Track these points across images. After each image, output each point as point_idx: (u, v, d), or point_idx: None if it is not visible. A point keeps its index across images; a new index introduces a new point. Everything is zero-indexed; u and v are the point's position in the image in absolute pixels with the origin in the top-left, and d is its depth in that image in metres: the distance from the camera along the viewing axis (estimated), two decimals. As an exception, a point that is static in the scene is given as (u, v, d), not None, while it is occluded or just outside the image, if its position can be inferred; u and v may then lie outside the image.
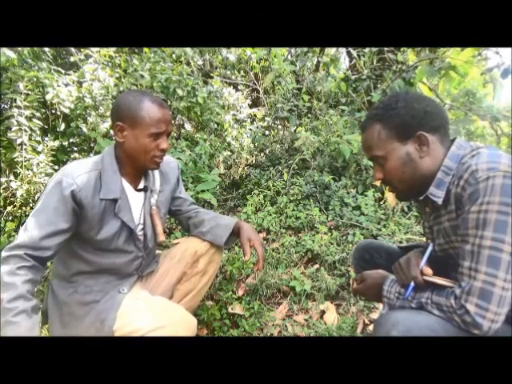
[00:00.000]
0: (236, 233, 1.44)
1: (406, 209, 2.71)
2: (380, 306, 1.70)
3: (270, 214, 2.65)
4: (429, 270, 0.94)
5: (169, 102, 3.10)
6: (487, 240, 0.80)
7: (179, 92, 2.96)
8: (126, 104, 1.15)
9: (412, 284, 0.95)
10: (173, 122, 3.48)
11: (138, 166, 1.22)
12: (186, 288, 1.42)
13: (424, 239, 1.80)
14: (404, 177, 0.97)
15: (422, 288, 0.94)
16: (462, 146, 0.95)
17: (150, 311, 1.17)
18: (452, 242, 0.96)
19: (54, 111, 2.71)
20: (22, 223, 2.49)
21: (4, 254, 1.04)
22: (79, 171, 1.13)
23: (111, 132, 2.64)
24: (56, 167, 2.59)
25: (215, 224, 1.43)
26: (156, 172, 1.34)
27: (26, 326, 1.00)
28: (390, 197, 2.61)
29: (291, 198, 2.77)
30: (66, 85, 2.69)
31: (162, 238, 1.34)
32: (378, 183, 2.76)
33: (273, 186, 2.91)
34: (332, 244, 2.28)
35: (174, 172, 1.45)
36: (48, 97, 2.50)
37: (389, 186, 1.04)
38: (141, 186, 1.29)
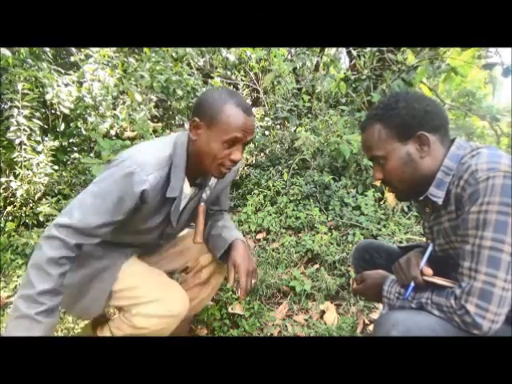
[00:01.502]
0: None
1: (406, 209, 2.70)
2: (380, 306, 1.70)
3: (270, 214, 2.65)
4: (429, 270, 0.94)
5: (168, 102, 3.10)
6: (487, 240, 0.80)
7: (179, 92, 2.96)
8: (209, 101, 1.05)
9: (412, 284, 0.95)
10: (173, 122, 3.48)
11: (202, 169, 1.12)
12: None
13: (424, 239, 1.80)
14: (404, 177, 0.97)
15: (422, 288, 0.94)
16: (461, 146, 0.95)
17: (149, 282, 1.17)
18: (452, 242, 0.96)
19: (53, 111, 2.71)
20: (23, 223, 2.50)
21: (53, 232, 0.97)
22: (153, 167, 1.04)
23: (111, 132, 2.64)
24: (56, 167, 2.60)
25: (218, 234, 1.34)
26: None
27: (44, 327, 0.95)
28: (389, 197, 2.61)
29: (291, 198, 2.77)
30: (66, 85, 2.69)
31: (200, 239, 1.28)
32: (378, 183, 2.76)
33: (273, 185, 2.91)
34: (332, 244, 2.28)
35: (232, 174, 1.36)
36: (48, 97, 2.51)
37: (389, 187, 1.04)
38: (198, 181, 1.21)
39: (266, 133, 3.89)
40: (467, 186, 0.84)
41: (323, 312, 1.82)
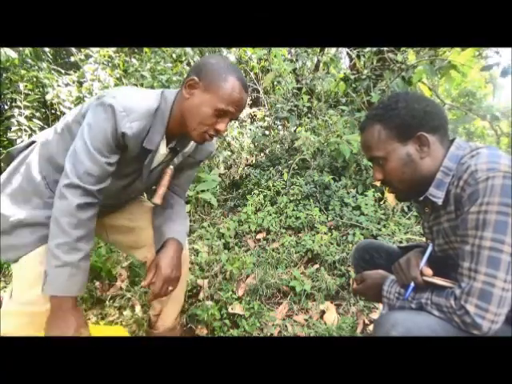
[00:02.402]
0: None
1: (406, 209, 2.71)
2: (380, 306, 1.70)
3: (270, 214, 2.65)
4: (429, 271, 0.94)
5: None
6: (487, 241, 0.80)
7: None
8: (214, 65, 1.04)
9: (412, 284, 0.95)
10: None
11: (183, 130, 1.10)
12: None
13: (424, 239, 1.80)
14: (404, 177, 0.97)
15: (422, 288, 0.94)
16: (461, 147, 0.95)
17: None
18: (451, 242, 0.96)
19: (54, 111, 2.71)
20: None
21: (74, 181, 0.98)
22: (138, 115, 1.02)
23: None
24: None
25: (159, 226, 1.27)
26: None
27: (84, 272, 1.00)
28: (389, 197, 2.61)
29: (291, 198, 2.77)
30: (66, 85, 2.69)
31: (159, 200, 1.23)
32: (378, 183, 2.76)
33: (273, 185, 2.91)
34: (332, 244, 2.28)
35: (207, 153, 1.33)
36: (48, 97, 2.51)
37: (388, 187, 1.04)
38: (172, 145, 1.18)
39: (266, 133, 3.89)
40: (467, 186, 0.84)
41: (323, 312, 1.82)
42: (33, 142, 1.20)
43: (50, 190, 1.10)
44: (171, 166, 1.23)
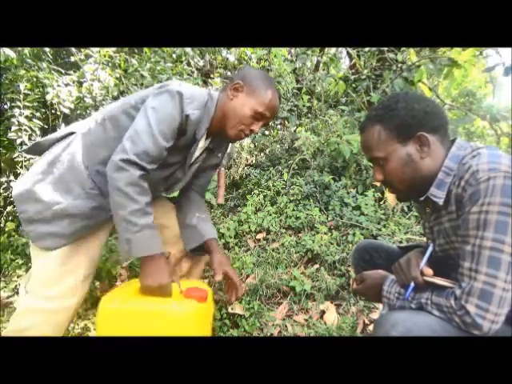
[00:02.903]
0: (206, 249, 1.37)
1: (406, 209, 2.70)
2: (380, 306, 1.70)
3: (270, 214, 2.65)
4: (429, 271, 0.94)
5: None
6: (488, 241, 0.80)
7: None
8: (258, 76, 1.22)
9: (412, 284, 0.95)
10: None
11: (221, 127, 1.23)
12: None
13: (424, 239, 1.80)
14: (405, 178, 0.97)
15: (422, 288, 0.94)
16: (462, 147, 0.95)
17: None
18: (452, 242, 0.96)
19: (54, 111, 2.71)
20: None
21: (132, 158, 1.05)
22: (198, 105, 1.15)
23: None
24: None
25: (194, 225, 1.37)
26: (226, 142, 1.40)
27: (158, 233, 1.11)
28: (389, 197, 2.61)
29: (291, 198, 2.77)
30: (66, 85, 2.69)
31: (222, 200, 1.42)
32: (378, 183, 2.76)
33: (273, 185, 2.91)
34: (332, 244, 2.28)
35: (228, 157, 1.49)
36: (48, 97, 2.51)
37: (389, 187, 1.04)
38: (207, 143, 1.32)
39: (266, 133, 3.89)
40: (468, 186, 0.84)
41: (323, 312, 1.82)
42: (71, 133, 1.23)
43: (92, 181, 1.16)
44: (222, 168, 1.40)
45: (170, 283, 1.11)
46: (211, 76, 3.85)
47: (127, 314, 1.05)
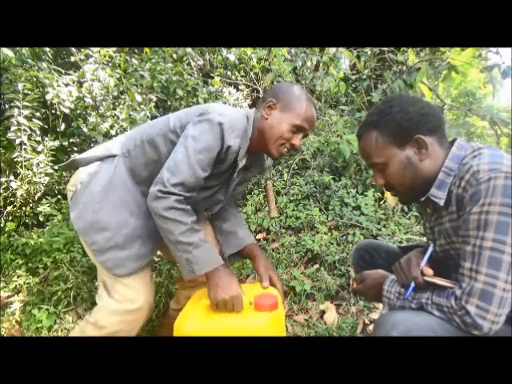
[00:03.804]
0: (247, 255, 1.40)
1: (405, 209, 2.70)
2: (380, 306, 1.70)
3: (270, 214, 2.65)
4: (429, 271, 0.94)
5: (169, 102, 3.10)
6: (488, 241, 0.80)
7: (179, 92, 2.95)
8: (288, 90, 1.22)
9: (412, 284, 0.95)
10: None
11: (262, 147, 1.23)
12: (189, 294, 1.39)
13: (424, 239, 1.80)
14: (405, 181, 0.97)
15: (422, 288, 0.93)
16: (462, 147, 0.95)
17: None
18: (453, 242, 0.96)
19: (54, 111, 2.71)
20: (23, 223, 2.50)
21: (170, 189, 1.06)
22: (238, 133, 1.15)
23: (111, 132, 2.64)
24: (56, 167, 2.60)
25: (234, 232, 1.40)
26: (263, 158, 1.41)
27: (213, 245, 1.14)
28: (389, 197, 2.61)
29: (291, 198, 2.77)
30: (66, 85, 2.69)
31: (275, 213, 1.44)
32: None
33: (273, 186, 2.91)
34: (332, 244, 2.28)
35: (263, 170, 1.48)
36: (48, 97, 2.50)
37: (391, 191, 1.04)
38: (247, 162, 1.30)
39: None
40: (469, 186, 0.84)
41: (323, 312, 1.82)
42: (112, 156, 1.25)
43: (144, 201, 1.18)
44: (269, 182, 1.42)
45: (241, 293, 1.10)
46: (211, 75, 3.85)
47: (206, 335, 1.04)
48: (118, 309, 1.14)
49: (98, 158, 1.24)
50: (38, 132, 2.53)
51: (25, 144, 2.40)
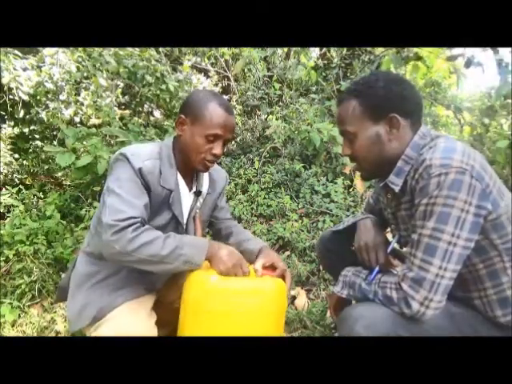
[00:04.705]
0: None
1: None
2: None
3: (242, 203, 2.65)
4: (392, 260, 0.99)
5: (136, 89, 3.01)
6: (428, 229, 0.84)
7: (148, 78, 2.86)
8: (195, 100, 1.15)
9: (377, 268, 0.98)
10: (141, 109, 3.38)
11: (188, 164, 1.19)
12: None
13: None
14: (369, 156, 0.98)
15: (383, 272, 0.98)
16: (424, 135, 0.96)
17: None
18: (409, 229, 0.99)
19: (11, 97, 2.57)
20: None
21: (121, 225, 1.00)
22: (145, 156, 1.12)
23: (75, 119, 2.53)
24: (16, 155, 2.47)
25: (242, 246, 1.34)
26: (206, 177, 1.32)
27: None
28: (358, 184, 2.66)
29: (262, 186, 2.77)
30: (25, 69, 2.54)
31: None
32: (347, 171, 2.81)
33: (244, 174, 2.90)
34: (302, 231, 2.31)
35: (223, 182, 1.42)
36: (4, 81, 2.36)
37: (354, 163, 1.06)
38: (194, 189, 1.28)
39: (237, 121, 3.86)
40: (420, 179, 0.87)
41: (294, 297, 1.85)
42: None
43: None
44: (197, 210, 1.30)
45: (241, 256, 1.12)
46: (180, 61, 3.76)
47: (223, 291, 1.05)
48: None
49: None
50: (-5, 118, 2.39)
51: (-20, 131, 2.27)
